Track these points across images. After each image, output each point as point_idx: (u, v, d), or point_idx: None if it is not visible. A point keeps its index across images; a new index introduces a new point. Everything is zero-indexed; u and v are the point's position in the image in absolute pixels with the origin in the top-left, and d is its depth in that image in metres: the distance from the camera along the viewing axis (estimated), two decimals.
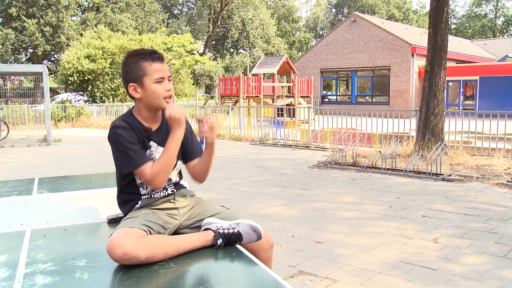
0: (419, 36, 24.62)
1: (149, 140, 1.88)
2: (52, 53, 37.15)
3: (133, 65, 1.85)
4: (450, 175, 6.57)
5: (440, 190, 5.77)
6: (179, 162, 2.01)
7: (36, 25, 32.90)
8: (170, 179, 1.95)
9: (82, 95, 23.37)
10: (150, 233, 1.71)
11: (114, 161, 1.87)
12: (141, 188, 1.91)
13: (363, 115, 13.40)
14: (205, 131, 1.90)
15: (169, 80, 1.90)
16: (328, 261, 3.35)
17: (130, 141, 1.80)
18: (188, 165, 2.01)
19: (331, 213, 4.71)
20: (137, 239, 1.59)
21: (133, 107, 1.94)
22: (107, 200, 2.28)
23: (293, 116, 17.29)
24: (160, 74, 1.84)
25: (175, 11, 51.94)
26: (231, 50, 51.18)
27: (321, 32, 62.48)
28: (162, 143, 1.89)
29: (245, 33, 47.43)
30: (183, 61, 27.56)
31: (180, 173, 2.04)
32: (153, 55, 1.85)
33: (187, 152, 2.00)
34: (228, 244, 1.76)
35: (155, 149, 1.89)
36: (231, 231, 1.77)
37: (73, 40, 31.65)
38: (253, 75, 18.69)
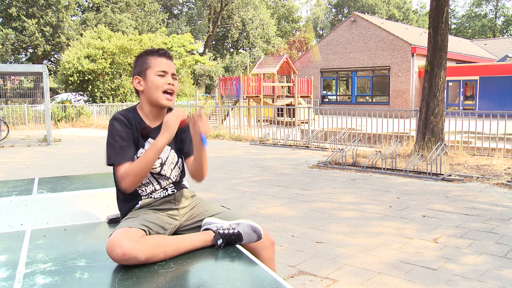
0: (419, 36, 24.60)
1: (147, 137, 1.89)
2: (52, 53, 37.12)
3: (141, 60, 1.92)
4: (450, 175, 6.57)
5: (440, 190, 5.77)
6: (180, 160, 2.00)
7: (36, 25, 32.86)
8: (169, 178, 1.94)
9: (82, 95, 23.37)
10: (149, 233, 1.71)
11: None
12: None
13: (363, 115, 13.41)
14: (197, 125, 1.81)
15: (173, 77, 1.92)
16: (328, 261, 3.35)
17: (122, 136, 1.81)
18: (187, 161, 2.00)
19: (331, 213, 4.71)
20: (136, 239, 1.59)
21: (138, 103, 1.97)
22: (107, 200, 2.28)
23: (293, 116, 17.29)
24: (162, 68, 1.89)
25: (175, 11, 51.91)
26: (231, 50, 51.13)
27: (321, 32, 62.47)
28: None
29: (245, 33, 47.40)
30: (183, 61, 27.58)
31: (182, 172, 2.03)
32: (159, 51, 1.92)
33: (185, 148, 1.99)
34: (228, 244, 1.76)
35: None
36: (231, 231, 1.77)
37: (73, 40, 31.62)
38: (253, 75, 18.67)
